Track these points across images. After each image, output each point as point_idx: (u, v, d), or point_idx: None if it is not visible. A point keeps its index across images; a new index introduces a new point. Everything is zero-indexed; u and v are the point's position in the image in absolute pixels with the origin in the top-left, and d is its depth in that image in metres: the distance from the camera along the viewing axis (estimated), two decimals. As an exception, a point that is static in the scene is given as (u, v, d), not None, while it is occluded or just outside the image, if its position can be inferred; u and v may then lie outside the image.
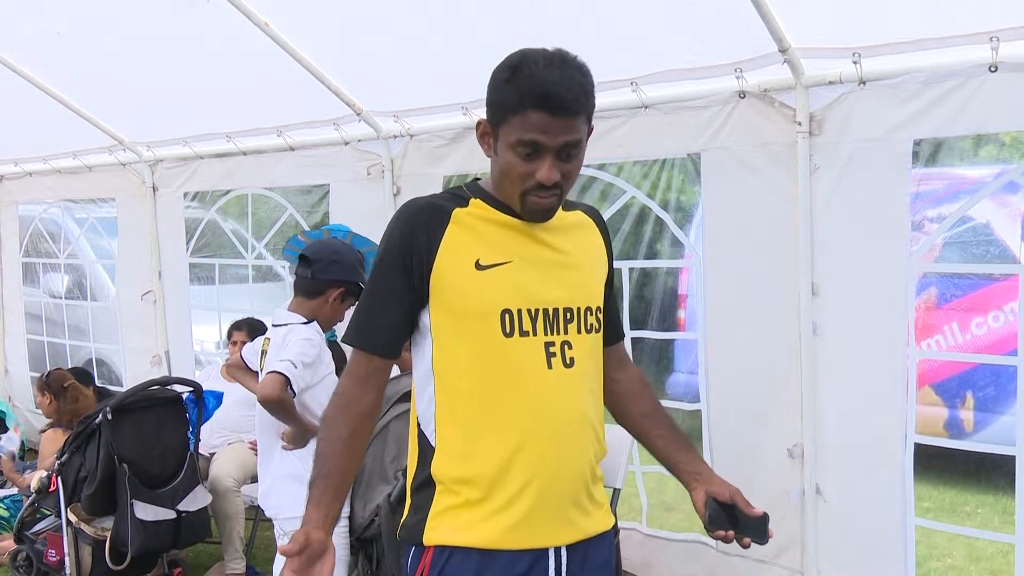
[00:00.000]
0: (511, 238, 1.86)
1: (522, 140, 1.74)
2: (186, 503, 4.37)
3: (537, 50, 1.76)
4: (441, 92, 4.24)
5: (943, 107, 3.10)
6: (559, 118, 1.72)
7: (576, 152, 1.79)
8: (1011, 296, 5.50)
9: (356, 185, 4.89)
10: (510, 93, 1.74)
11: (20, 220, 7.15)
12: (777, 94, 3.46)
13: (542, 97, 1.70)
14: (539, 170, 1.76)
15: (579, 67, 1.76)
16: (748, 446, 3.73)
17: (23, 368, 7.26)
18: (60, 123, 5.57)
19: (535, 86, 1.71)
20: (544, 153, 1.75)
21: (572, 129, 1.74)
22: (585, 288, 1.92)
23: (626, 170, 4.61)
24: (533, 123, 1.72)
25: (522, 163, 1.76)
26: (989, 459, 4.13)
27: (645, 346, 6.58)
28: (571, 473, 1.85)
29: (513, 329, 1.80)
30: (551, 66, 1.72)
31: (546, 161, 1.75)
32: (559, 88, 1.71)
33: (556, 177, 1.77)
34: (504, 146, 1.78)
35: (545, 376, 1.82)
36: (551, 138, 1.73)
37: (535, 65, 1.72)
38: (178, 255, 5.90)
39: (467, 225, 1.84)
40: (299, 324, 3.24)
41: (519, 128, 1.73)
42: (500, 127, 1.78)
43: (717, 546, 3.89)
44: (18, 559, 4.80)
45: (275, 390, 3.03)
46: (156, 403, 4.46)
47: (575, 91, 1.73)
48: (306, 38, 4.22)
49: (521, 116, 1.73)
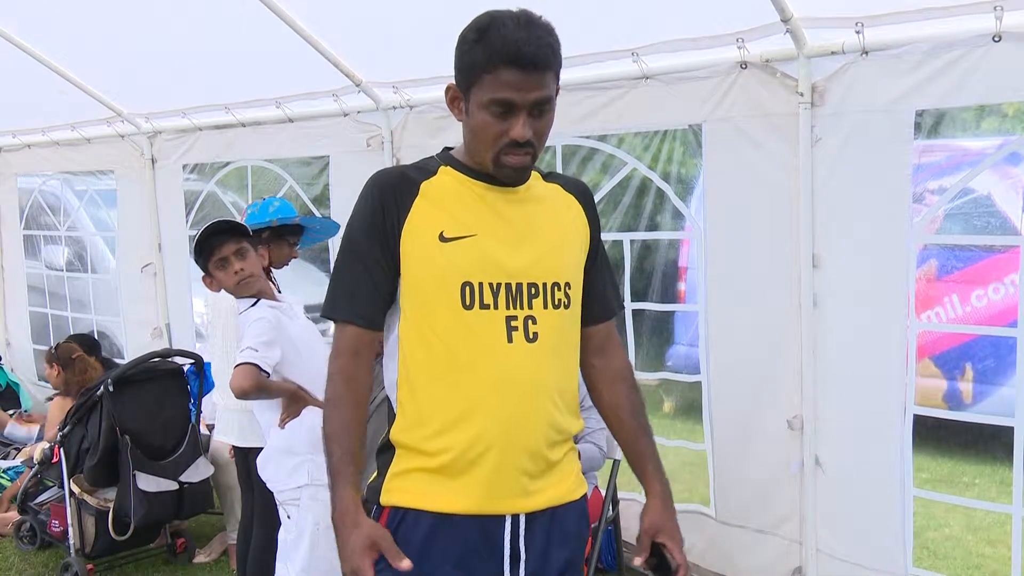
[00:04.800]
0: (478, 209, 1.86)
1: (494, 99, 1.76)
2: (188, 474, 4.40)
3: (503, 11, 1.79)
4: (441, 63, 4.16)
5: (946, 77, 3.09)
6: (530, 74, 1.75)
7: (547, 109, 1.81)
8: (1012, 268, 5.51)
9: (356, 157, 4.87)
10: (480, 53, 1.76)
11: (19, 192, 7.13)
12: (779, 64, 3.44)
13: (513, 55, 1.73)
14: (512, 127, 1.78)
15: (545, 26, 1.80)
16: (748, 417, 3.75)
17: (26, 340, 7.28)
18: (58, 95, 5.54)
19: (505, 45, 1.74)
20: (517, 111, 1.77)
21: (543, 85, 1.77)
22: (554, 263, 1.90)
23: (627, 141, 4.60)
24: (505, 81, 1.74)
25: (495, 122, 1.78)
26: (987, 430, 4.15)
27: (646, 318, 6.59)
28: (527, 444, 1.84)
29: (473, 302, 1.81)
30: (519, 26, 1.75)
31: (519, 118, 1.77)
32: (529, 46, 1.74)
33: (529, 134, 1.78)
34: (476, 107, 1.79)
35: (504, 349, 1.82)
36: (523, 95, 1.75)
37: (503, 26, 1.75)
38: (178, 227, 5.89)
39: (433, 198, 1.85)
40: (250, 308, 3.27)
41: (491, 87, 1.76)
42: (471, 89, 1.79)
43: (717, 516, 3.92)
44: (22, 530, 4.85)
45: (246, 381, 3.06)
46: (157, 375, 4.49)
47: (544, 48, 1.76)
48: (305, 8, 4.19)
49: (492, 75, 1.75)
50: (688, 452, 4.56)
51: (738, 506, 3.84)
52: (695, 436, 4.27)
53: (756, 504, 3.77)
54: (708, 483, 3.98)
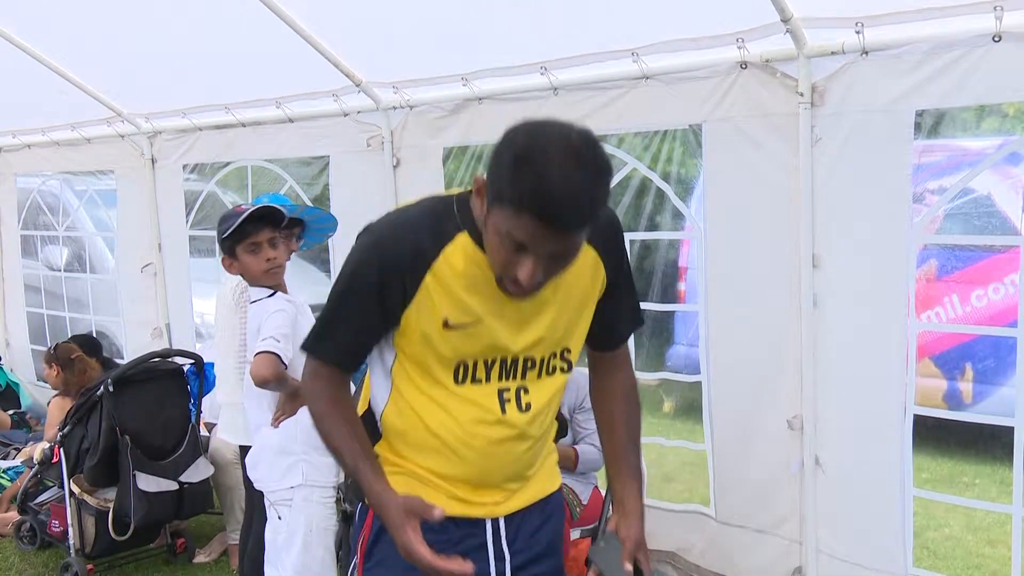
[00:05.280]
0: (487, 291, 1.73)
1: (510, 235, 1.57)
2: (188, 474, 4.40)
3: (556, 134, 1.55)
4: (441, 62, 4.22)
5: (946, 77, 3.08)
6: (556, 231, 1.54)
7: (572, 255, 1.63)
8: (1012, 268, 5.51)
9: (356, 156, 4.87)
10: (510, 184, 1.54)
11: (18, 192, 7.12)
12: (779, 64, 3.44)
13: (543, 210, 1.51)
14: (521, 268, 1.61)
15: (597, 167, 1.56)
16: (748, 417, 3.75)
17: (24, 340, 7.27)
18: (58, 94, 5.53)
19: (538, 195, 1.51)
20: (532, 254, 1.59)
21: (568, 241, 1.59)
22: (559, 336, 1.84)
23: (627, 141, 4.60)
24: (526, 226, 1.54)
25: (505, 251, 1.61)
26: (987, 430, 4.15)
27: (646, 318, 6.56)
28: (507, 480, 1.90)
29: (465, 378, 1.79)
30: (563, 170, 1.50)
31: (530, 262, 1.60)
32: (564, 201, 1.51)
33: (538, 279, 1.62)
34: (492, 224, 1.61)
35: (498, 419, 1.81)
36: (541, 246, 1.57)
37: (546, 162, 1.50)
38: (178, 227, 5.89)
39: (444, 279, 1.72)
40: (266, 299, 3.26)
41: (510, 223, 1.56)
42: (493, 204, 1.60)
43: (717, 516, 3.92)
44: (22, 530, 4.85)
45: (267, 370, 3.05)
46: (157, 375, 4.48)
47: (582, 206, 1.54)
48: (305, 8, 4.19)
49: (515, 213, 1.54)
50: (688, 452, 4.57)
51: (738, 506, 3.84)
52: (695, 436, 4.27)
53: (756, 504, 3.77)
54: (708, 483, 3.98)
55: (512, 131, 1.58)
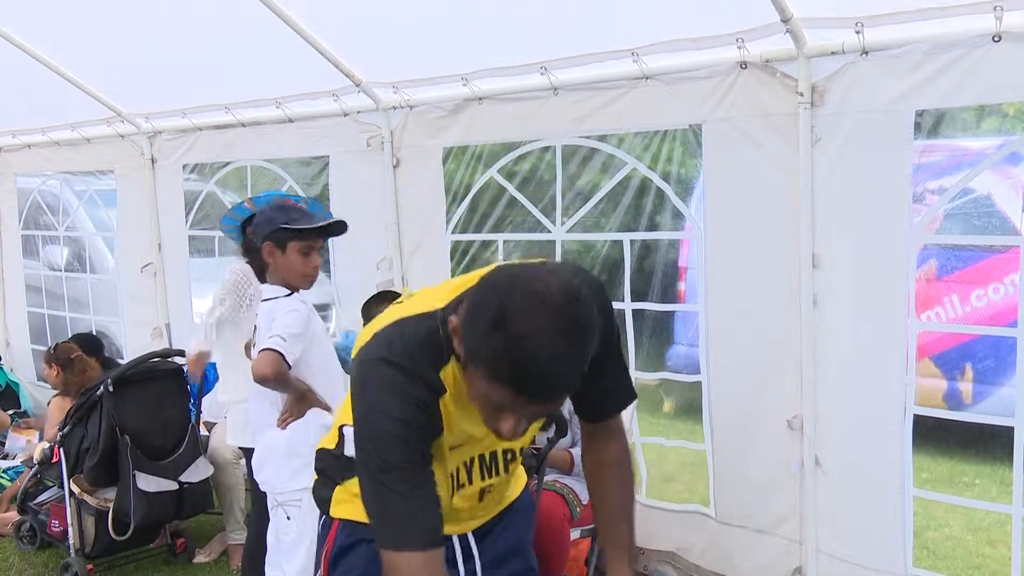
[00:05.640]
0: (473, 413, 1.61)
1: (488, 398, 1.46)
2: (188, 474, 4.41)
3: (533, 292, 1.37)
4: (441, 62, 4.22)
5: (946, 77, 3.08)
6: (540, 404, 1.45)
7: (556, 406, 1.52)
8: (1012, 268, 5.50)
9: (356, 156, 4.87)
10: (486, 351, 1.39)
11: (19, 192, 7.13)
12: (779, 64, 3.44)
13: (523, 386, 1.39)
14: (503, 423, 1.51)
15: (581, 330, 1.39)
16: (748, 417, 3.75)
17: (24, 340, 7.27)
18: (58, 94, 5.54)
19: (517, 370, 1.36)
20: (514, 415, 1.50)
21: (553, 406, 1.50)
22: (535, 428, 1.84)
23: (627, 142, 4.58)
24: (504, 396, 1.42)
25: (486, 409, 1.51)
26: (987, 430, 4.14)
27: (646, 318, 6.57)
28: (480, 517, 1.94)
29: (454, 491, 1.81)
30: (545, 338, 1.34)
31: (513, 421, 1.50)
32: (547, 380, 1.38)
33: (522, 432, 1.55)
34: (470, 378, 1.50)
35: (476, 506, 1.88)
36: (523, 410, 1.49)
37: (525, 335, 1.34)
38: (178, 227, 5.89)
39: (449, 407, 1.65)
40: (282, 297, 3.25)
41: (488, 386, 1.43)
42: (469, 363, 1.47)
43: (717, 516, 3.92)
44: (22, 530, 4.85)
45: (268, 368, 3.04)
46: (157, 375, 4.49)
47: (565, 380, 1.41)
48: (305, 8, 4.19)
49: (494, 382, 1.41)
50: (688, 452, 4.56)
51: (738, 506, 3.84)
52: (695, 436, 4.27)
53: (756, 504, 3.77)
54: (708, 483, 3.98)
55: (487, 283, 1.44)
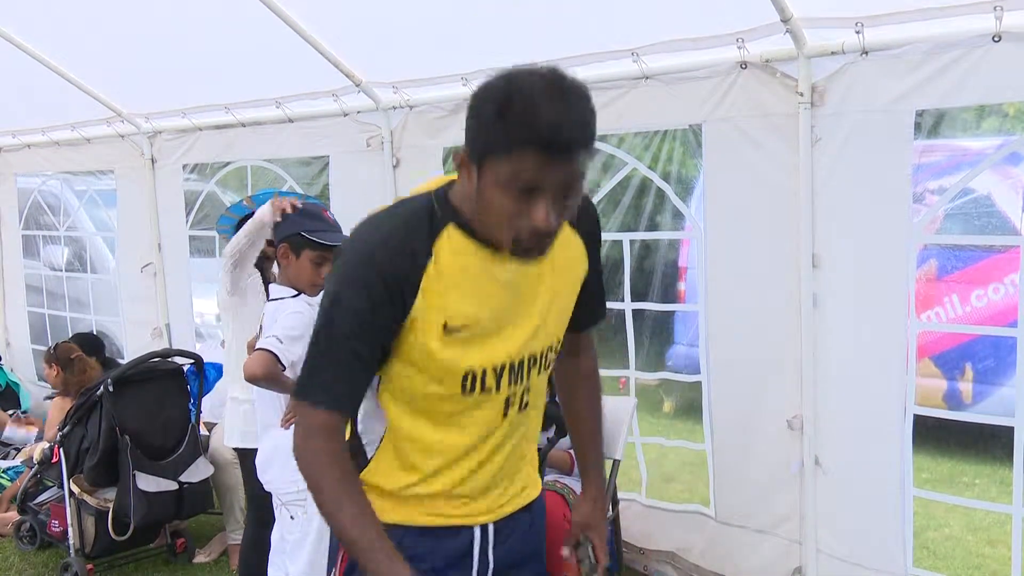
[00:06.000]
0: (484, 286, 1.67)
1: (515, 181, 1.51)
2: (188, 474, 4.41)
3: (527, 75, 1.52)
4: (441, 62, 4.22)
5: (946, 77, 3.08)
6: (562, 159, 1.50)
7: (579, 187, 1.57)
8: (1011, 268, 5.51)
9: (356, 156, 4.87)
10: (500, 132, 1.50)
11: (19, 192, 7.13)
12: (779, 64, 3.44)
13: (542, 139, 1.47)
14: (536, 213, 1.53)
15: (579, 93, 1.53)
16: (748, 417, 3.75)
17: (25, 340, 7.28)
18: (58, 95, 5.54)
19: (534, 128, 1.47)
20: (541, 194, 1.52)
21: (574, 166, 1.53)
22: (553, 328, 1.81)
23: (627, 141, 4.60)
24: (529, 165, 1.49)
25: (513, 203, 1.53)
26: (987, 430, 4.14)
27: (646, 318, 6.59)
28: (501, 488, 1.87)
29: (474, 388, 1.71)
30: (550, 100, 1.48)
31: (543, 202, 1.53)
32: (562, 129, 1.47)
33: (554, 221, 1.55)
34: (490, 182, 1.54)
35: (498, 425, 1.78)
36: (551, 178, 1.51)
37: (530, 102, 1.48)
38: (178, 227, 5.89)
39: (439, 284, 1.64)
40: (289, 298, 3.25)
41: (512, 168, 1.50)
42: (485, 163, 1.54)
43: (716, 516, 3.92)
44: (22, 530, 4.85)
45: (259, 367, 3.04)
46: (157, 375, 4.49)
47: (579, 129, 1.50)
48: (305, 8, 4.19)
49: (515, 157, 1.49)
50: (688, 452, 4.56)
51: (738, 506, 3.84)
52: (695, 436, 4.27)
53: (756, 504, 3.77)
54: (708, 483, 3.98)
55: (483, 89, 1.56)
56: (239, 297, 3.69)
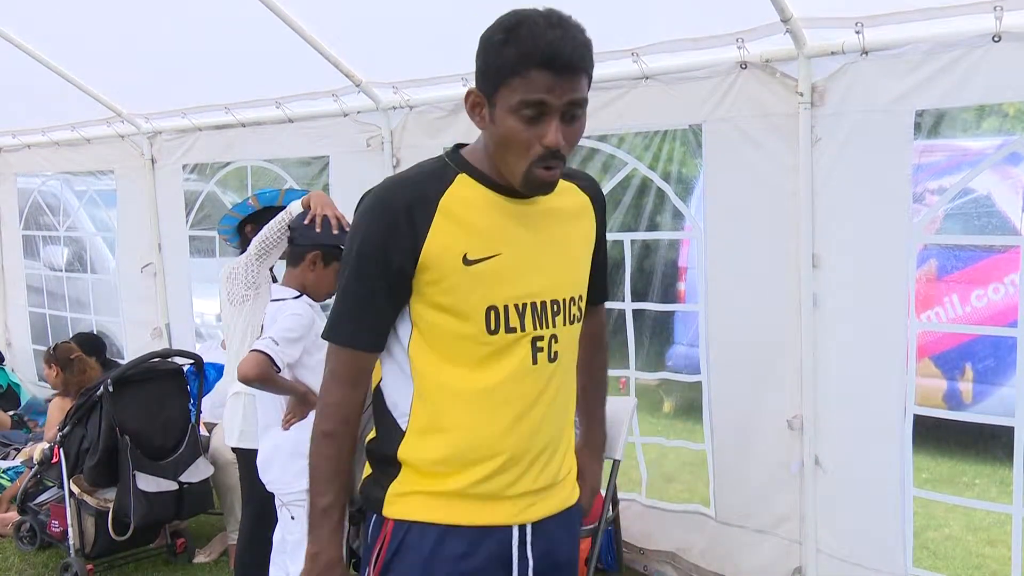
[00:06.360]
0: (501, 224, 1.78)
1: (525, 100, 1.64)
2: (188, 474, 4.40)
3: (530, 10, 1.68)
4: (441, 62, 4.22)
5: (946, 77, 3.09)
6: (564, 76, 1.64)
7: (580, 114, 1.70)
8: (1012, 268, 5.51)
9: (356, 157, 4.88)
10: (509, 55, 1.64)
11: (19, 192, 7.13)
12: (779, 64, 3.44)
13: (547, 56, 1.62)
14: (545, 134, 1.67)
15: (577, 26, 1.69)
16: (748, 417, 3.75)
17: (26, 340, 7.28)
18: (58, 95, 5.54)
19: (538, 45, 1.62)
20: (549, 115, 1.66)
21: (577, 87, 1.66)
22: (573, 277, 1.88)
23: (627, 141, 4.59)
24: (538, 83, 1.64)
25: (524, 128, 1.67)
26: (987, 430, 4.14)
27: (646, 318, 6.58)
28: (541, 466, 1.85)
29: (499, 326, 1.76)
30: (551, 26, 1.64)
31: (551, 123, 1.66)
32: (564, 46, 1.63)
33: (561, 141, 1.67)
34: (503, 112, 1.68)
35: (530, 373, 1.79)
36: (557, 97, 1.65)
37: (535, 26, 1.64)
38: (178, 227, 5.89)
39: (454, 215, 1.75)
40: (290, 299, 3.25)
41: (522, 89, 1.64)
42: (497, 92, 1.68)
43: (716, 516, 3.92)
44: (22, 530, 4.85)
45: (252, 369, 3.04)
46: (157, 375, 4.48)
47: (579, 49, 1.65)
48: (305, 8, 4.19)
49: (523, 77, 1.64)
50: (688, 452, 4.56)
51: (738, 506, 3.84)
52: (695, 436, 4.27)
53: (756, 504, 3.77)
54: (708, 483, 3.98)
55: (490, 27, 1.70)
56: (254, 290, 3.66)
